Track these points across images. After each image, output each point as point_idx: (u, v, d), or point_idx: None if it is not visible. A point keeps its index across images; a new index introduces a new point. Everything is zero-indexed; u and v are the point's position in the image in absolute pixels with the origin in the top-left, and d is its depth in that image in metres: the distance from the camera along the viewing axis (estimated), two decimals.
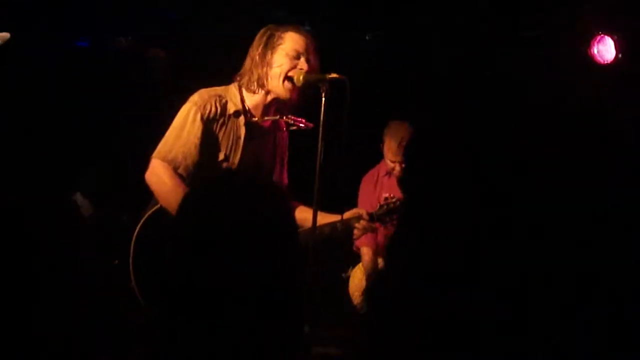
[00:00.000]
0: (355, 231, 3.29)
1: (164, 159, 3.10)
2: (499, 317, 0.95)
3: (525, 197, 0.98)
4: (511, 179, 0.99)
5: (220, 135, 3.16)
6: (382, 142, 4.49)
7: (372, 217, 3.32)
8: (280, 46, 3.16)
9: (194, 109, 3.12)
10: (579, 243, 0.98)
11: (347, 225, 3.28)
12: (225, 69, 3.46)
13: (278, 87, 3.14)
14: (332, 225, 3.25)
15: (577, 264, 0.96)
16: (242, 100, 3.21)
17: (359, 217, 3.29)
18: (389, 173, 4.54)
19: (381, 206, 3.40)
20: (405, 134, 4.35)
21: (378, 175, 4.61)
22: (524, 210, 0.98)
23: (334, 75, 3.01)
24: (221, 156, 3.15)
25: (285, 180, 3.47)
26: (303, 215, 3.28)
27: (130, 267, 3.04)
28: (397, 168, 4.41)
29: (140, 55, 5.34)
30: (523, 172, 0.99)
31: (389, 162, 4.45)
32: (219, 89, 3.23)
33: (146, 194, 3.23)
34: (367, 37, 5.64)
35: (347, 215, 3.29)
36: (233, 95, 3.20)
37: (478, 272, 0.97)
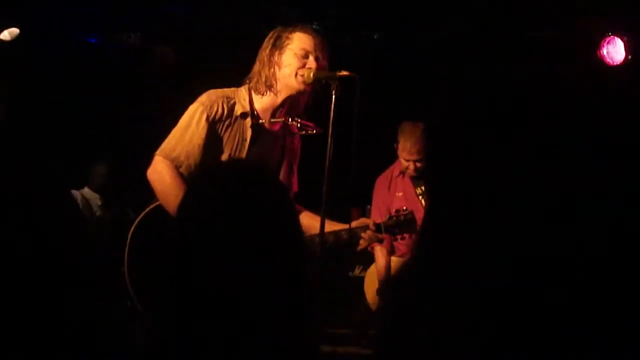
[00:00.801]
0: (361, 241, 3.22)
1: (166, 157, 3.09)
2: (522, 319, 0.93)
3: (534, 199, 0.97)
4: (521, 180, 0.98)
5: (226, 136, 3.14)
6: (396, 142, 4.50)
7: (379, 228, 3.22)
8: (289, 46, 3.14)
9: (200, 109, 3.11)
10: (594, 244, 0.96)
11: (353, 234, 3.21)
12: (232, 66, 3.45)
13: (290, 84, 3.11)
14: (336, 233, 3.17)
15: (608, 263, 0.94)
16: (251, 103, 3.19)
17: (365, 227, 3.22)
18: (402, 173, 4.55)
19: (390, 217, 3.31)
20: (419, 133, 4.36)
21: (392, 176, 4.62)
22: (533, 211, 0.96)
23: (344, 72, 2.98)
24: (225, 157, 3.13)
25: (295, 187, 3.42)
26: (308, 221, 3.23)
27: (125, 262, 3.04)
28: (411, 167, 4.42)
29: (149, 51, 5.33)
30: (533, 172, 0.98)
31: (403, 161, 4.47)
32: (228, 91, 3.22)
33: (150, 191, 3.22)
34: (374, 37, 5.63)
35: (355, 224, 3.22)
36: (242, 98, 3.19)
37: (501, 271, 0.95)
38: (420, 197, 4.48)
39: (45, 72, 5.38)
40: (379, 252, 4.47)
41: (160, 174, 3.07)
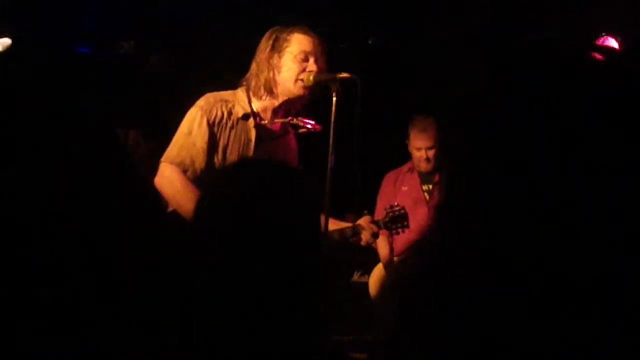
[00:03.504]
0: (362, 236, 3.27)
1: (172, 162, 3.07)
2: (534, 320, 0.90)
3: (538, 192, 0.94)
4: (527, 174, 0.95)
5: (231, 139, 3.13)
6: (407, 138, 4.52)
7: (378, 224, 3.32)
8: (287, 49, 3.11)
9: (199, 113, 3.10)
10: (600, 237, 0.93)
11: (356, 232, 3.26)
12: (229, 72, 3.43)
13: (290, 89, 3.10)
14: (341, 231, 3.23)
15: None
16: (250, 104, 3.17)
17: (366, 224, 3.28)
18: (411, 169, 4.56)
19: (386, 213, 3.43)
20: (430, 122, 4.40)
21: (401, 172, 4.64)
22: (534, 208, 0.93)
23: (344, 74, 2.97)
24: (234, 159, 3.12)
25: None
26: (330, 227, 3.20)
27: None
28: (424, 155, 4.42)
29: (144, 60, 5.29)
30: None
31: (415, 152, 4.47)
32: (225, 94, 3.20)
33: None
34: (369, 42, 5.62)
35: (359, 222, 3.29)
36: (241, 99, 3.17)
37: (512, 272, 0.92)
38: (425, 194, 4.49)
39: (37, 82, 5.34)
40: (381, 243, 4.45)
41: (169, 179, 3.05)
